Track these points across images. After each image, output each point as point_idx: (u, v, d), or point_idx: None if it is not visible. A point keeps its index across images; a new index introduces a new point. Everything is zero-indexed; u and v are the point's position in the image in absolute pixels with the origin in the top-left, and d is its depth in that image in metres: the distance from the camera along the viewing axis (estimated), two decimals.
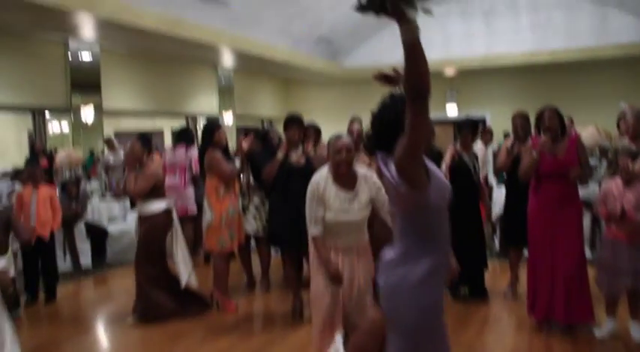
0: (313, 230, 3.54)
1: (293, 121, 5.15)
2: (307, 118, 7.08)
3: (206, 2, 7.94)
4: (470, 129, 5.54)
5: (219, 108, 12.76)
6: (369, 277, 3.59)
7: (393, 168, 2.18)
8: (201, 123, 12.42)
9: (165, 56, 10.00)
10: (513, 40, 12.25)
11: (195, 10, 7.90)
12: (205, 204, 5.40)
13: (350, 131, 5.85)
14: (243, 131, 7.58)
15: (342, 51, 13.08)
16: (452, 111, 14.12)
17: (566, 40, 11.94)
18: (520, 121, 5.31)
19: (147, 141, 5.32)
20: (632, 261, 4.17)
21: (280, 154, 5.00)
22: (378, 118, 2.41)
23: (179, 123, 11.38)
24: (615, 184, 4.32)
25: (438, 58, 12.66)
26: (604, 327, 4.28)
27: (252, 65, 11.74)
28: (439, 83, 14.21)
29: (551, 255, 4.31)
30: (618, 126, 6.28)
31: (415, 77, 2.01)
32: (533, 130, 4.73)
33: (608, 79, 12.83)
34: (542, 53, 12.05)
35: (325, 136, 5.67)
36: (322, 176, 3.56)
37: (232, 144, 8.00)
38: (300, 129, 5.17)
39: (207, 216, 5.31)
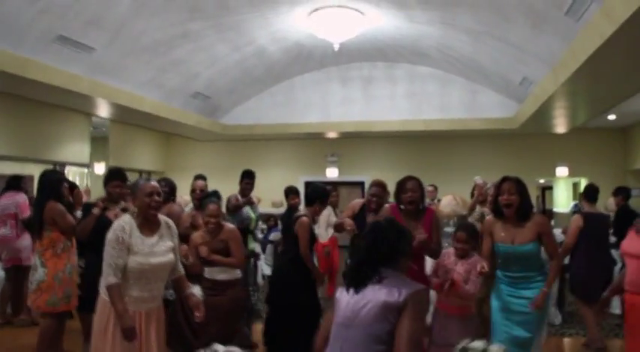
0: (111, 278, 3.30)
1: (114, 175, 4.82)
2: (189, 174, 6.88)
3: (65, 46, 7.52)
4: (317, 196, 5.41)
5: (91, 158, 12.11)
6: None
7: (399, 296, 2.43)
8: (70, 172, 11.79)
9: (30, 100, 9.37)
10: (390, 108, 12.56)
11: (51, 53, 7.44)
12: (36, 259, 4.90)
13: (194, 187, 5.64)
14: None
15: (221, 108, 12.89)
16: (332, 174, 14.19)
17: (439, 111, 12.40)
18: (376, 190, 5.18)
19: None
20: (461, 334, 4.04)
21: (96, 210, 4.62)
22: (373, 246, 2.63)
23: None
24: (448, 255, 4.26)
25: (317, 121, 12.83)
26: None
27: (129, 116, 11.24)
28: (320, 146, 14.35)
29: None
30: (472, 195, 6.40)
31: None
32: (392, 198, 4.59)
33: (477, 150, 13.44)
34: (417, 122, 12.41)
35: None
36: (126, 221, 3.42)
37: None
38: (121, 183, 4.83)
39: (39, 274, 4.81)
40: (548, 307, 4.12)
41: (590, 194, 6.22)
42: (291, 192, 6.84)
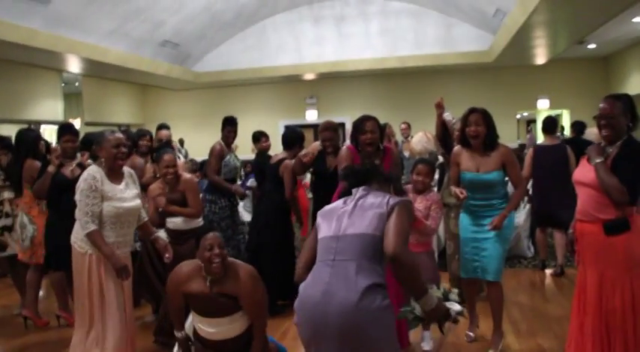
0: (91, 225, 3.46)
1: (65, 130, 4.72)
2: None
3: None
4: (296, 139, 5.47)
5: (65, 114, 11.94)
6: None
7: (387, 205, 2.48)
8: (45, 130, 11.66)
9: None
10: (364, 46, 12.36)
11: (3, 8, 7.18)
12: (23, 217, 5.00)
13: (160, 137, 5.58)
14: None
15: (191, 56, 12.63)
16: (311, 116, 14.06)
17: (413, 47, 12.21)
18: (327, 134, 5.10)
19: None
20: (422, 271, 4.04)
21: (51, 168, 4.55)
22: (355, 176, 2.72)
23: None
24: (406, 192, 4.23)
25: (291, 63, 12.63)
26: None
27: (100, 70, 11.00)
28: (298, 89, 14.18)
29: None
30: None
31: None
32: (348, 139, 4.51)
33: (454, 85, 13.28)
34: (391, 59, 12.23)
35: (188, 141, 5.33)
36: (95, 170, 3.59)
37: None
38: (74, 137, 4.75)
39: (29, 230, 4.96)
40: (509, 235, 4.18)
41: (547, 126, 6.39)
42: (262, 136, 6.77)
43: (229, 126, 6.14)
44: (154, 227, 4.22)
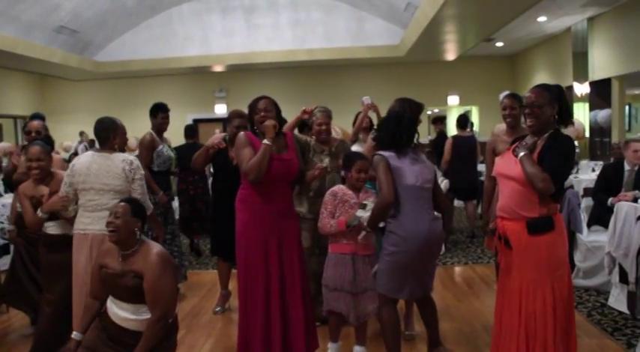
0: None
1: None
2: (68, 117, 6.13)
3: None
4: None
5: None
6: None
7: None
8: None
9: None
10: (273, 38, 12.10)
11: None
12: None
13: (29, 129, 5.08)
14: None
15: (93, 44, 11.90)
16: (220, 110, 13.61)
17: (323, 40, 12.05)
18: (240, 121, 4.78)
19: None
20: (356, 276, 3.75)
21: None
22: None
23: None
24: (342, 192, 3.82)
25: (198, 54, 12.20)
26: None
27: None
28: (206, 81, 13.74)
29: (269, 278, 3.59)
30: (354, 123, 5.96)
31: None
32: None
33: (365, 80, 13.21)
34: (301, 51, 12.03)
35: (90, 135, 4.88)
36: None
37: None
38: None
39: None
40: None
41: (460, 122, 7.86)
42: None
43: (162, 112, 5.42)
44: (36, 229, 3.86)
